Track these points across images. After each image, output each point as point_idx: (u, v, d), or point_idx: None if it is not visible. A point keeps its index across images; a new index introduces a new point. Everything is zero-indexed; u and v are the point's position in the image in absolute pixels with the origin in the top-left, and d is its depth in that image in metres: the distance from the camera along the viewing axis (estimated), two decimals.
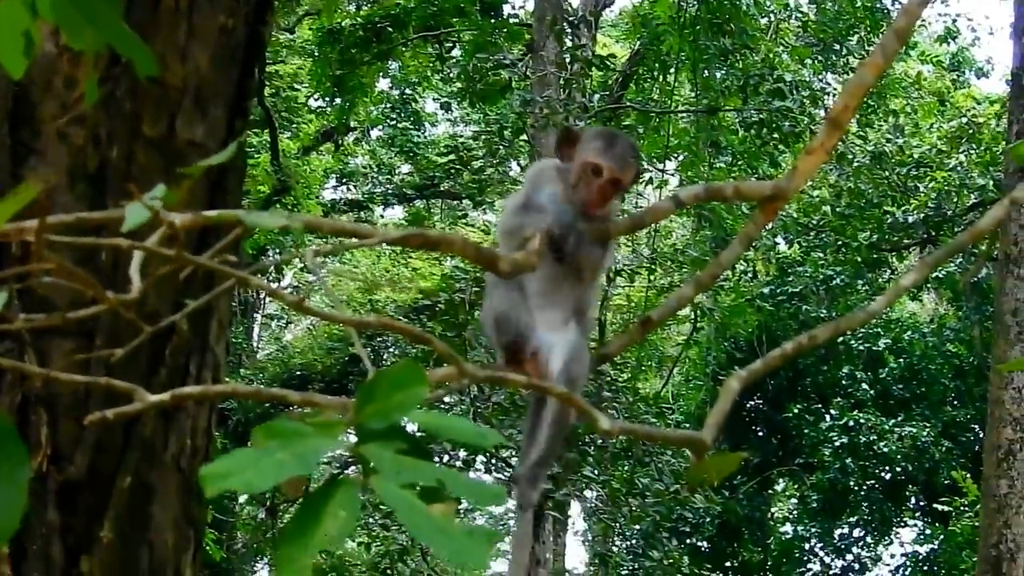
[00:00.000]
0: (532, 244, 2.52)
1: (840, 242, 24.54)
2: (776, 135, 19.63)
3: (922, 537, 27.37)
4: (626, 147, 3.08)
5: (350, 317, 2.06)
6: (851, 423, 25.44)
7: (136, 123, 3.86)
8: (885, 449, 25.09)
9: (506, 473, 17.49)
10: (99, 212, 2.06)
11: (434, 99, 29.28)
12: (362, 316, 2.27)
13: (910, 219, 23.57)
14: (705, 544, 27.84)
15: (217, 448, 4.53)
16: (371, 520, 17.85)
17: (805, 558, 28.77)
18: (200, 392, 2.29)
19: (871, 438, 25.23)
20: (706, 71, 20.47)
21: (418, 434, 1.81)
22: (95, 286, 1.89)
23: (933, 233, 23.41)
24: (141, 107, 3.87)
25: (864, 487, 27.00)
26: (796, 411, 26.28)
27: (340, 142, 29.08)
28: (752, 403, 27.81)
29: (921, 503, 27.79)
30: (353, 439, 1.72)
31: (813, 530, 28.45)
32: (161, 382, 3.69)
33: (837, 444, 25.55)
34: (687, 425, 24.97)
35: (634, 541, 23.00)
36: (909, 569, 27.22)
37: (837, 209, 24.34)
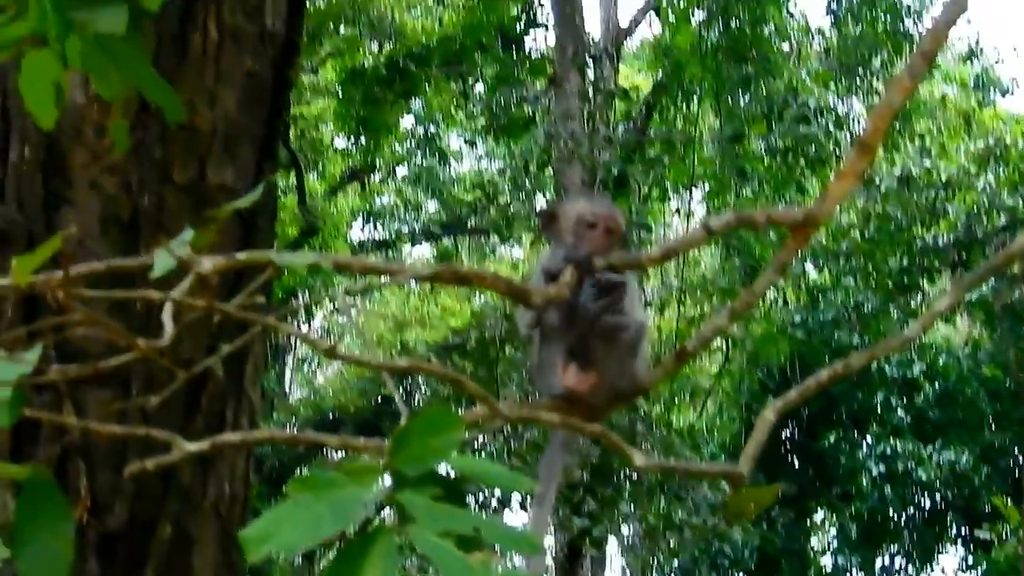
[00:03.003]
0: (563, 277, 2.52)
1: (870, 267, 24.47)
2: (802, 161, 19.61)
3: (965, 564, 27.17)
4: (607, 199, 3.24)
5: (380, 361, 2.06)
6: (888, 450, 25.30)
7: (166, 169, 3.88)
8: (923, 476, 24.95)
9: None
10: (129, 259, 2.07)
11: (458, 135, 29.34)
12: (393, 359, 2.27)
13: (940, 242, 23.50)
14: None
15: (254, 495, 4.52)
16: (408, 563, 17.82)
17: None
18: (239, 439, 2.28)
19: (909, 465, 25.08)
20: (729, 99, 20.48)
21: (452, 475, 1.81)
22: (125, 334, 1.89)
23: (963, 255, 23.32)
24: (171, 153, 3.89)
25: (904, 515, 26.84)
26: (832, 440, 26.13)
27: (366, 181, 29.13)
28: (787, 433, 27.68)
29: (962, 530, 27.58)
30: (389, 484, 1.71)
31: (853, 560, 28.25)
32: (198, 429, 3.69)
33: (874, 472, 25.40)
34: (722, 457, 24.88)
35: None
36: None
37: (866, 234, 24.28)
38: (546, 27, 22.01)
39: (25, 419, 1.98)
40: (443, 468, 1.76)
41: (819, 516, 29.85)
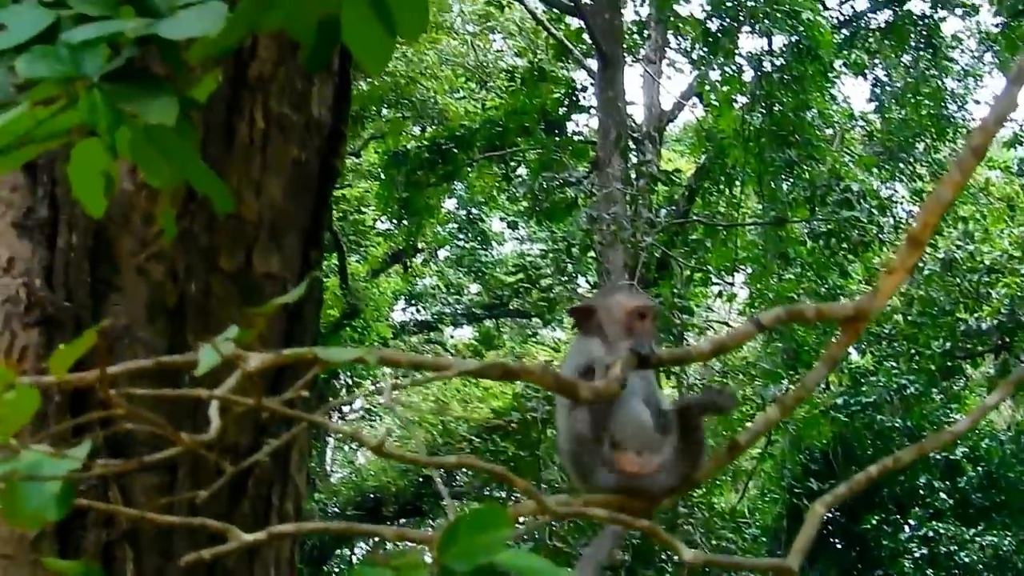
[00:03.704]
0: (613, 372, 2.51)
1: (913, 351, 24.33)
2: (845, 245, 19.56)
3: None
4: (637, 289, 3.38)
5: (430, 458, 2.06)
6: (930, 533, 25.10)
7: (213, 257, 3.89)
8: (966, 559, 24.72)
9: None
10: (176, 356, 2.08)
11: (501, 218, 29.41)
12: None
13: (983, 326, 23.35)
14: None
15: None
16: None
17: None
18: (295, 529, 2.29)
19: (951, 548, 24.86)
20: (772, 183, 20.46)
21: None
22: (170, 430, 1.90)
23: (1007, 339, 23.17)
24: (217, 241, 3.90)
25: None
26: (874, 522, 25.94)
27: (408, 263, 29.19)
28: (830, 515, 27.48)
29: None
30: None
31: None
32: (244, 514, 3.68)
33: (917, 555, 25.19)
34: (763, 540, 24.73)
35: None
36: None
37: (909, 317, 24.16)
38: (589, 111, 22.11)
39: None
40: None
41: None
